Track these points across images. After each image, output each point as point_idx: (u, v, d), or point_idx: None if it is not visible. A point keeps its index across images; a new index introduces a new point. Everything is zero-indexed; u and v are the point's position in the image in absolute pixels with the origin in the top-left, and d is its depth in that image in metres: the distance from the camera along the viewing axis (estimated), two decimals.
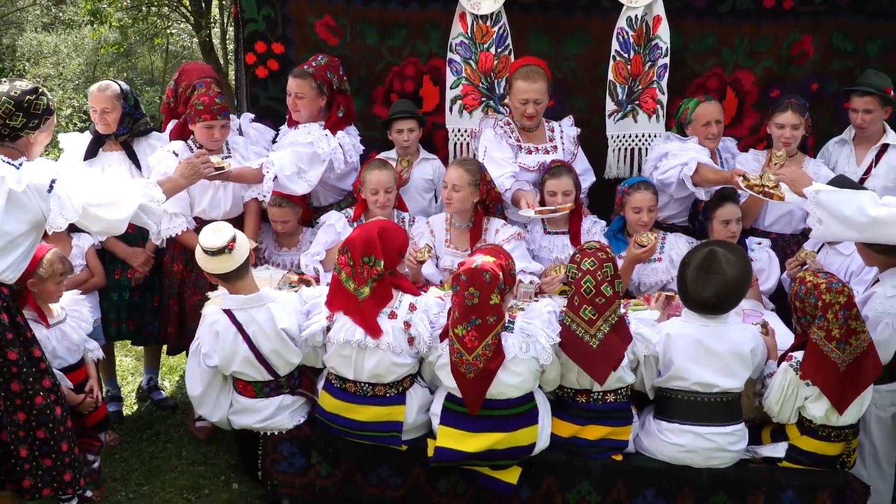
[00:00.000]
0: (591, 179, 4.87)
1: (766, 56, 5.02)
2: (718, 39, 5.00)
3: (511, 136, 4.66)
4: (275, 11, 4.91)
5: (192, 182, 4.15)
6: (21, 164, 3.26)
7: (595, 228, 4.58)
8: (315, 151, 4.53)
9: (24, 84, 3.43)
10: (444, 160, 5.02)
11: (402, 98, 5.04)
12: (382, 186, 4.38)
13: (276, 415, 3.78)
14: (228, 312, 3.65)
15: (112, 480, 4.34)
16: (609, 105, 5.03)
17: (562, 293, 4.13)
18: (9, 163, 3.27)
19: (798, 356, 3.59)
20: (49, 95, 3.52)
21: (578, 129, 4.84)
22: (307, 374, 3.93)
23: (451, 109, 5.02)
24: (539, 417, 3.62)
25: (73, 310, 4.08)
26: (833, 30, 4.99)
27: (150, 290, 4.80)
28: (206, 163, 4.15)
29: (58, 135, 4.94)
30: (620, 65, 4.94)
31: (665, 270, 4.48)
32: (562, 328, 3.60)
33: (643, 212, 4.42)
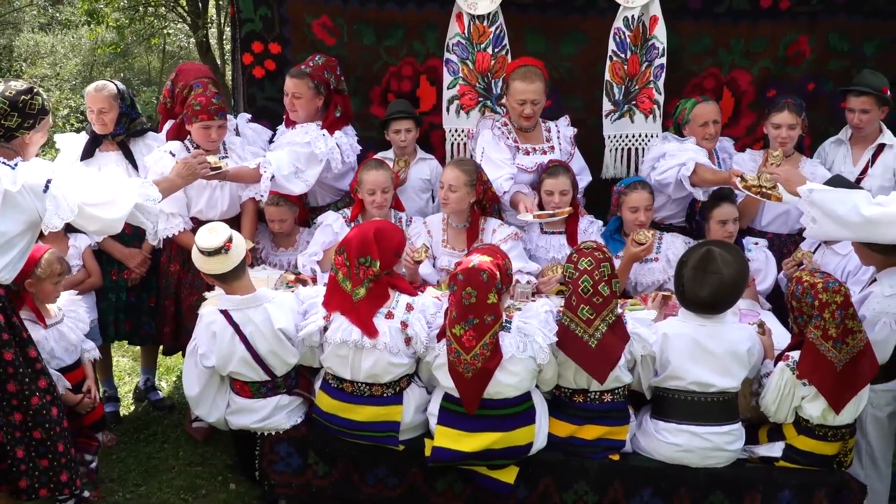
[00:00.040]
0: (588, 179, 4.86)
1: (763, 56, 5.03)
2: (715, 40, 5.00)
3: (509, 137, 4.66)
4: (272, 11, 4.91)
5: (189, 182, 4.15)
6: (16, 165, 3.25)
7: (592, 228, 4.59)
8: (312, 151, 4.52)
9: (19, 84, 3.43)
10: (441, 160, 5.02)
11: (399, 98, 5.04)
12: (379, 186, 4.38)
13: (274, 415, 3.78)
14: (225, 313, 3.65)
15: (109, 481, 4.34)
16: (606, 105, 5.03)
17: (559, 293, 4.13)
18: (4, 163, 3.26)
19: (795, 356, 3.59)
20: (44, 95, 3.52)
21: (575, 129, 4.84)
22: (304, 375, 3.93)
23: (448, 109, 5.02)
24: (536, 417, 3.62)
25: (70, 310, 4.08)
26: (829, 30, 4.99)
27: (147, 291, 4.80)
28: (203, 163, 4.15)
29: (54, 135, 4.94)
30: (617, 65, 4.95)
31: (662, 270, 4.48)
32: (560, 328, 3.60)
33: (640, 211, 4.42)
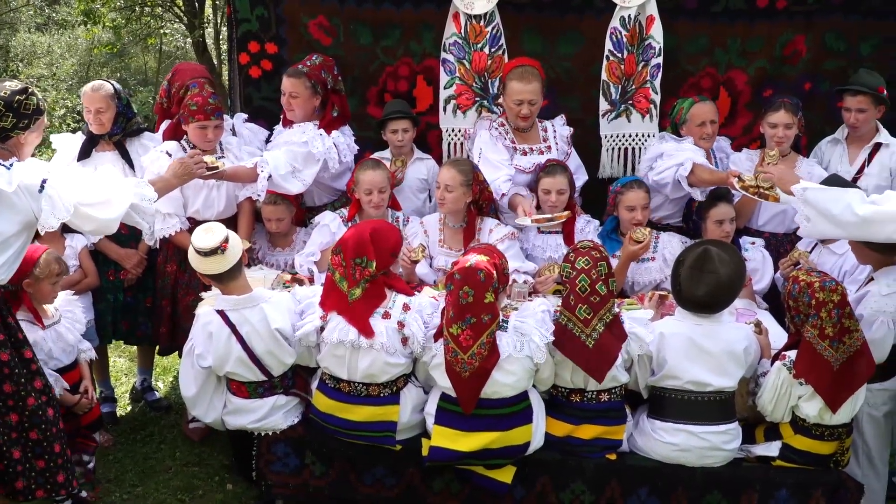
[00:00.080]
0: (584, 178, 4.86)
1: (759, 56, 5.03)
2: (711, 39, 5.01)
3: (506, 138, 4.66)
4: (268, 11, 4.91)
5: (185, 182, 4.15)
6: (12, 165, 3.24)
7: (588, 228, 4.59)
8: (310, 151, 4.52)
9: (14, 84, 3.42)
10: (438, 160, 5.01)
11: (396, 98, 5.04)
12: (376, 186, 4.38)
13: (270, 415, 3.78)
14: (222, 313, 3.65)
15: (106, 481, 4.33)
16: (602, 105, 5.03)
17: (555, 293, 4.13)
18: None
19: (791, 355, 3.59)
20: (39, 95, 3.51)
21: (571, 129, 4.84)
22: (301, 375, 3.93)
23: (445, 109, 5.01)
24: (533, 417, 3.63)
25: (67, 310, 4.08)
26: (826, 29, 4.99)
27: (143, 291, 4.79)
28: (199, 163, 4.14)
29: (50, 135, 4.94)
30: (614, 64, 4.95)
31: (658, 269, 4.49)
32: (557, 327, 3.60)
33: (637, 210, 4.42)
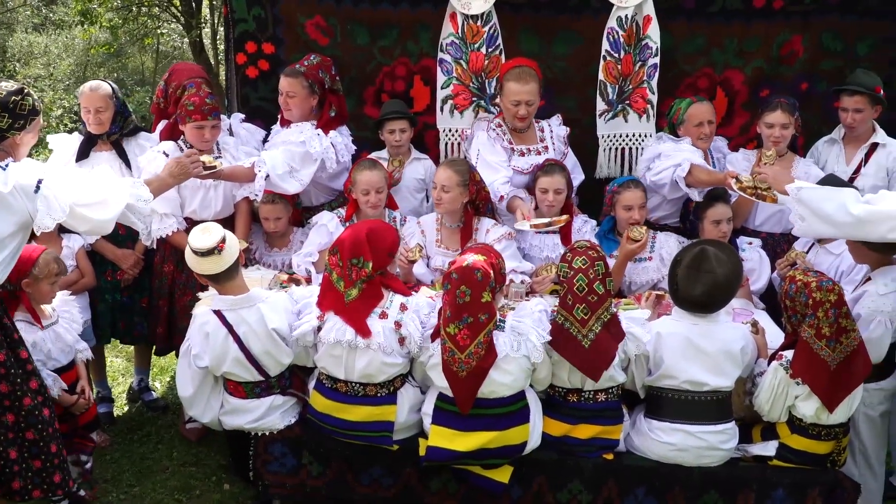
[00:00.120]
0: (580, 178, 4.86)
1: (756, 56, 5.03)
2: (708, 39, 5.01)
3: (503, 139, 4.66)
4: (265, 12, 4.91)
5: (181, 181, 4.13)
6: (7, 165, 3.24)
7: (585, 228, 4.59)
8: (307, 150, 4.51)
9: (10, 85, 3.41)
10: (436, 160, 5.01)
11: (393, 98, 5.04)
12: (373, 187, 4.37)
13: (268, 415, 3.77)
14: (218, 313, 3.64)
15: (103, 481, 4.33)
16: (599, 105, 5.03)
17: (553, 292, 4.13)
18: None
19: (788, 355, 3.59)
20: (35, 96, 3.50)
21: (567, 129, 4.84)
22: (298, 375, 3.93)
23: (442, 109, 5.01)
24: (530, 416, 3.62)
25: (64, 310, 4.07)
26: (822, 29, 4.99)
27: (140, 291, 4.79)
28: (196, 162, 4.13)
29: (47, 135, 4.93)
30: (611, 64, 4.95)
31: (655, 269, 4.49)
32: (554, 327, 3.60)
33: (634, 209, 4.42)
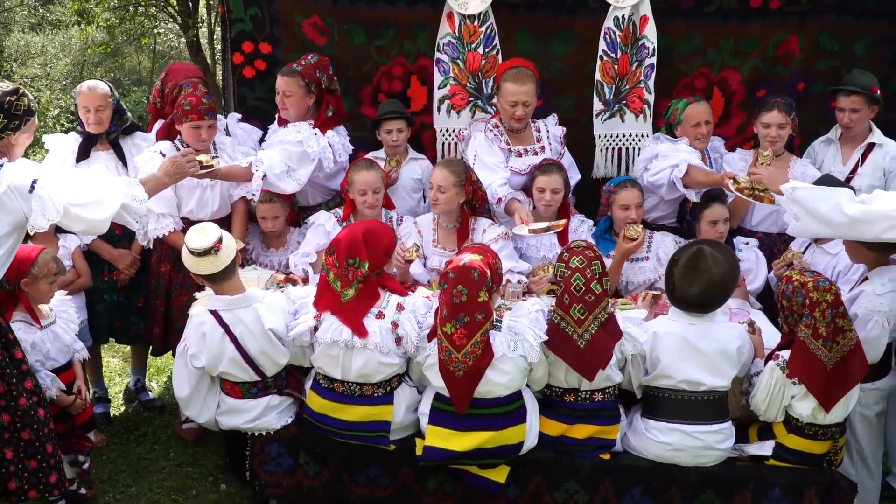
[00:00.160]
0: (576, 177, 4.85)
1: (753, 56, 5.04)
2: (705, 39, 5.01)
3: (501, 140, 4.66)
4: (262, 11, 4.90)
5: (177, 180, 4.12)
6: (2, 166, 3.23)
7: (582, 227, 4.59)
8: (304, 150, 4.51)
9: (5, 85, 3.41)
10: (433, 160, 5.00)
11: (390, 98, 5.04)
12: (370, 187, 4.37)
13: (264, 415, 3.77)
14: (215, 313, 3.64)
15: (100, 482, 4.33)
16: (596, 105, 5.03)
17: (550, 292, 4.13)
18: None
19: (785, 355, 3.59)
20: (30, 96, 3.50)
21: (564, 129, 4.84)
22: (294, 375, 3.92)
23: (439, 109, 5.01)
24: (527, 416, 3.62)
25: (61, 310, 4.06)
26: (819, 29, 5.00)
27: (136, 291, 4.78)
28: (192, 162, 4.13)
29: (44, 136, 4.92)
30: (608, 64, 4.95)
31: (652, 269, 4.49)
32: (551, 326, 3.60)
33: (631, 209, 4.42)
